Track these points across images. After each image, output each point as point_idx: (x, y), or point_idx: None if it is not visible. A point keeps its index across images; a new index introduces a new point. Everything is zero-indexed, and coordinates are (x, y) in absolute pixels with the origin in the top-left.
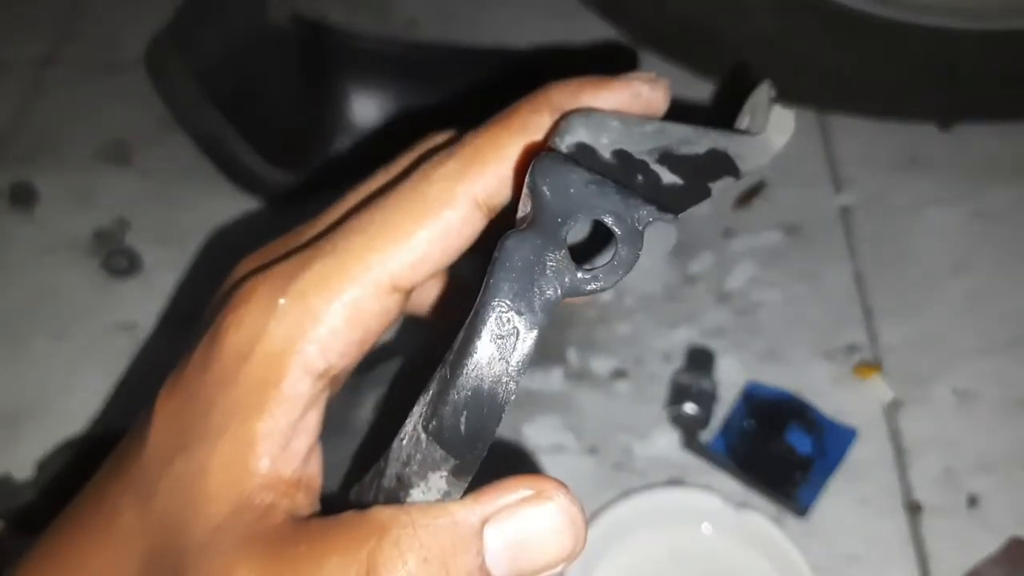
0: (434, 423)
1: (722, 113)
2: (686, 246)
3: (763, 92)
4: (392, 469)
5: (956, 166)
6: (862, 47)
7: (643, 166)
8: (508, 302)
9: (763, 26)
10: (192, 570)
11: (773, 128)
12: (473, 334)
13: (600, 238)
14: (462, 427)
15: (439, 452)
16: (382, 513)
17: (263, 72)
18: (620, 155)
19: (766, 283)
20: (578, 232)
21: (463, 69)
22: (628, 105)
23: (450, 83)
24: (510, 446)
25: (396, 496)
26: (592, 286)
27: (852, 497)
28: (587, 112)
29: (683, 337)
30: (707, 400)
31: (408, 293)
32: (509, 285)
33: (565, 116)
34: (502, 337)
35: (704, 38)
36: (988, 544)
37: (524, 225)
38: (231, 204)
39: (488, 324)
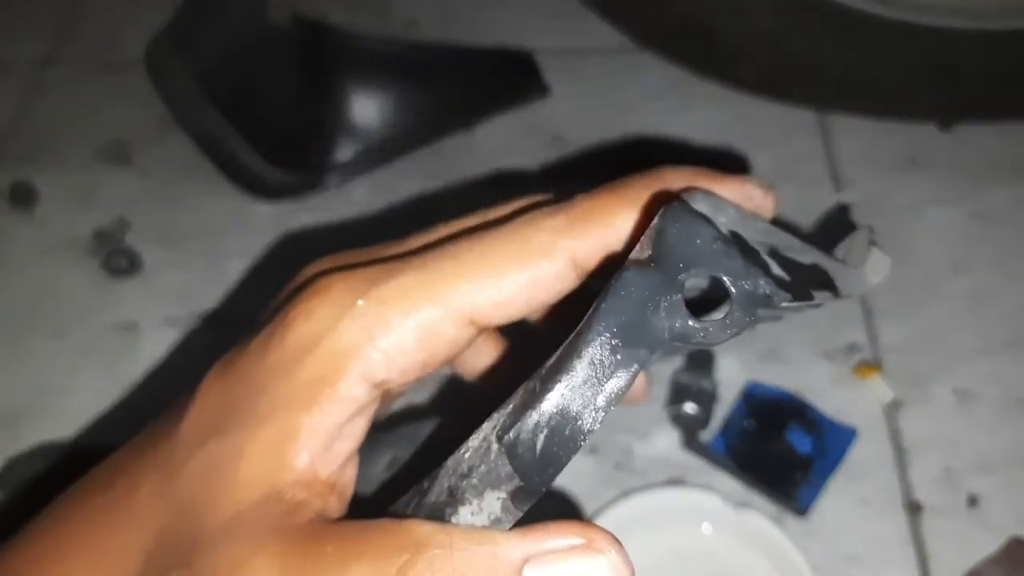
0: (511, 435)
1: (818, 243)
2: None
3: (862, 235)
4: (444, 482)
5: (956, 166)
6: (862, 47)
7: (755, 253)
8: (615, 329)
9: (763, 26)
10: (205, 552)
11: (870, 268)
12: (573, 352)
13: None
14: (539, 446)
15: (507, 468)
16: (422, 528)
17: (263, 72)
18: (736, 237)
19: None
20: (695, 283)
21: (463, 69)
22: (740, 204)
23: (450, 83)
24: (557, 493)
25: (442, 512)
26: (700, 337)
27: (852, 497)
28: (708, 192)
29: None
30: (707, 400)
31: (480, 331)
32: (620, 313)
33: (687, 190)
34: (602, 364)
35: (704, 38)
36: (988, 544)
37: (645, 262)
38: (231, 204)
39: (592, 346)
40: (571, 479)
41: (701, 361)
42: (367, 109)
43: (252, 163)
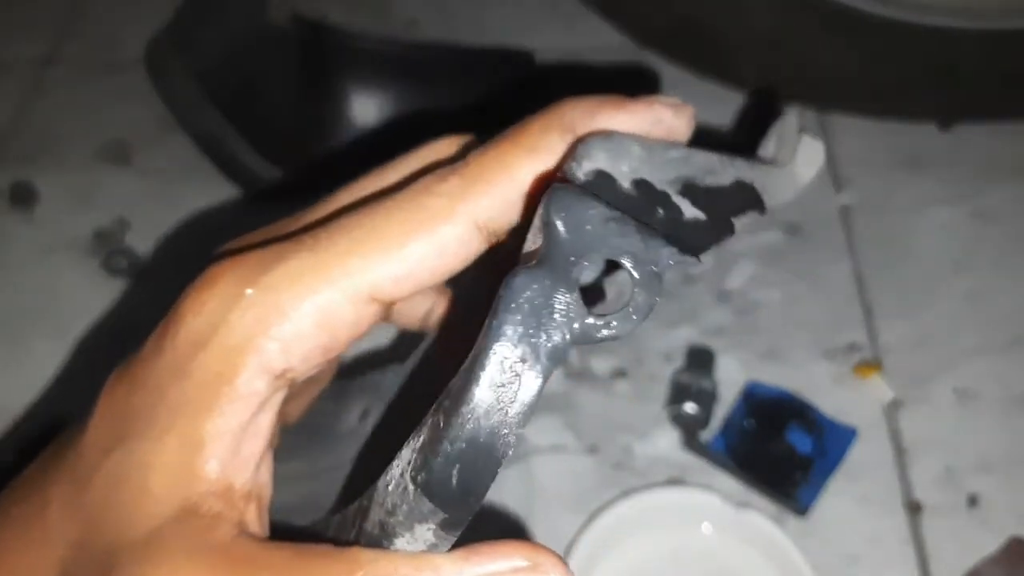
0: (423, 475)
1: (743, 141)
2: None
3: (790, 121)
4: (375, 515)
5: (956, 166)
6: (862, 46)
7: (664, 198)
8: (511, 346)
9: (763, 26)
10: (124, 570)
11: (801, 160)
12: (471, 380)
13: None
14: (454, 480)
15: (427, 505)
16: (363, 555)
17: (263, 72)
18: (641, 185)
19: (766, 282)
20: (591, 271)
21: (463, 69)
22: (648, 130)
23: (450, 83)
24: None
25: (379, 543)
26: (604, 333)
27: (852, 497)
28: (607, 135)
29: (683, 336)
30: (707, 400)
31: (388, 306)
32: (513, 328)
33: (583, 139)
34: (503, 385)
35: (704, 38)
36: (988, 544)
37: (533, 261)
38: (231, 204)
39: (488, 370)
40: (571, 479)
41: (701, 361)
42: (367, 109)
43: (252, 163)
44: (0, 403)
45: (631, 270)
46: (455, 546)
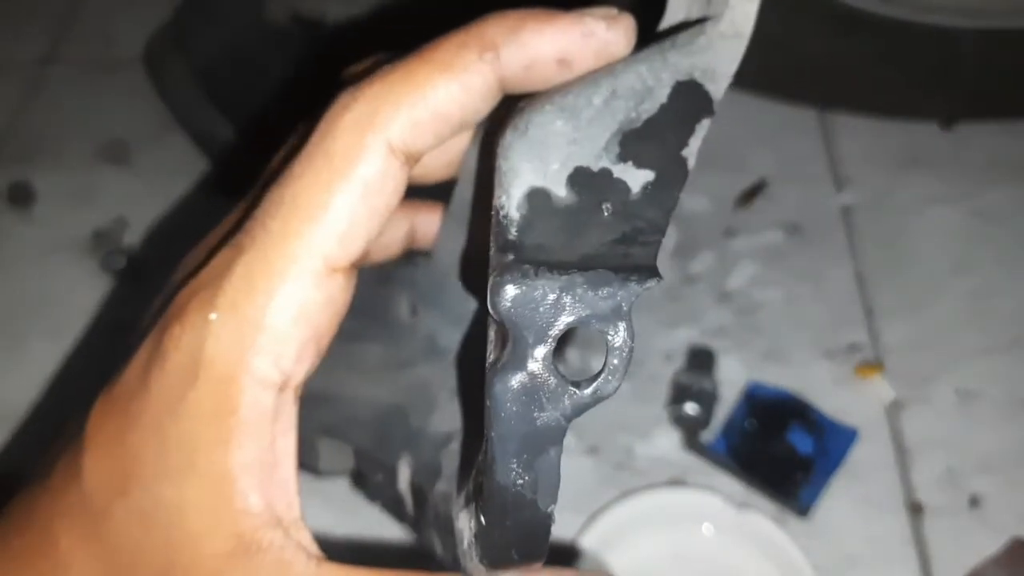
0: (487, 559)
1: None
2: (686, 246)
3: None
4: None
5: (957, 165)
6: (863, 46)
7: (605, 181)
8: (514, 458)
9: (764, 25)
10: None
11: (734, 7)
12: (492, 501)
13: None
14: (515, 556)
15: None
16: None
17: (263, 71)
18: (577, 178)
19: (767, 283)
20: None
21: None
22: (579, 48)
23: None
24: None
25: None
26: (595, 398)
27: (853, 497)
28: (523, 129)
29: (684, 337)
30: (708, 400)
31: (353, 266)
32: (512, 439)
33: (502, 148)
34: (522, 489)
35: None
36: (990, 544)
37: (503, 357)
38: (230, 204)
39: (504, 488)
40: (571, 479)
41: (702, 361)
42: None
43: (251, 163)
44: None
45: (597, 330)
46: None
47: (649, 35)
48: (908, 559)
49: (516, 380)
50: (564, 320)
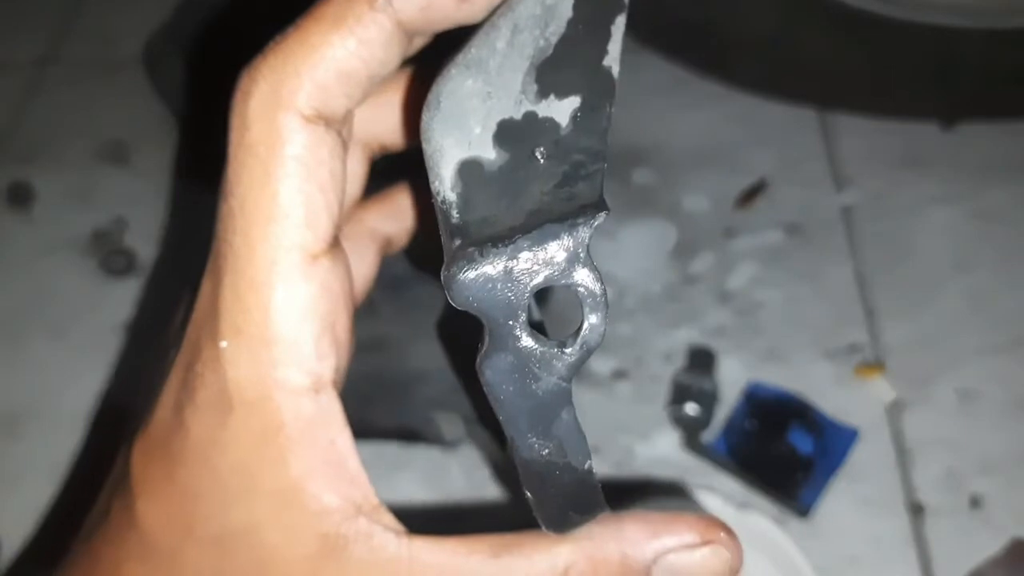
0: (546, 523)
1: None
2: (687, 246)
3: None
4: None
5: (957, 165)
6: (863, 46)
7: (532, 123)
8: (529, 426)
9: (764, 25)
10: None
11: None
12: (523, 465)
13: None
14: (574, 516)
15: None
16: (560, 544)
17: None
18: (503, 134)
19: (767, 283)
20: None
21: None
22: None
23: None
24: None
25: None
26: (585, 351)
27: (854, 498)
28: (435, 103)
29: (684, 337)
30: (708, 400)
31: (333, 244)
32: (520, 417)
33: (423, 131)
34: (548, 451)
35: (705, 37)
36: (990, 545)
37: (485, 342)
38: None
39: (529, 457)
40: None
41: (702, 361)
42: None
43: None
44: None
45: (563, 285)
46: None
47: None
48: (909, 559)
49: (502, 362)
50: (527, 289)
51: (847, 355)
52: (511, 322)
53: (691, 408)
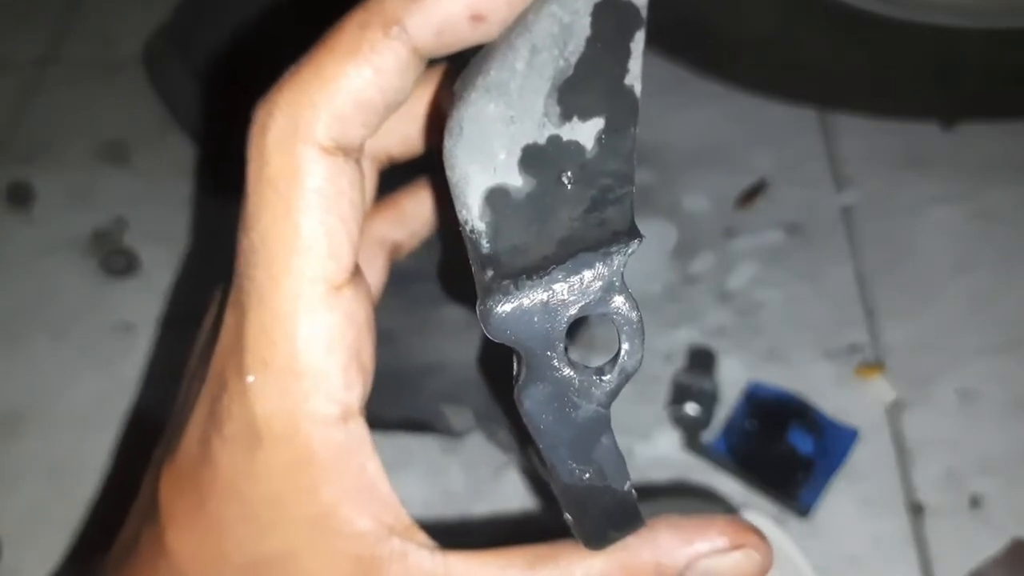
0: (585, 539)
1: None
2: (687, 246)
3: None
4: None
5: (958, 165)
6: (863, 46)
7: (556, 147)
8: (570, 459)
9: (764, 25)
10: None
11: None
12: (563, 490)
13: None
14: (610, 534)
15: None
16: (592, 557)
17: (262, 70)
18: (528, 159)
19: (768, 283)
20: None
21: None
22: (488, 1)
23: None
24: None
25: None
26: (623, 378)
27: (854, 498)
28: (457, 129)
29: (684, 337)
30: (708, 400)
31: (355, 273)
32: (560, 445)
33: (446, 158)
34: (588, 476)
35: (705, 37)
36: (990, 545)
37: (522, 372)
38: (230, 204)
39: (570, 482)
40: None
41: (702, 361)
42: None
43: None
44: None
45: (599, 315)
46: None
47: None
48: (909, 559)
49: (541, 393)
50: (564, 319)
51: (847, 355)
52: (549, 352)
53: (691, 408)
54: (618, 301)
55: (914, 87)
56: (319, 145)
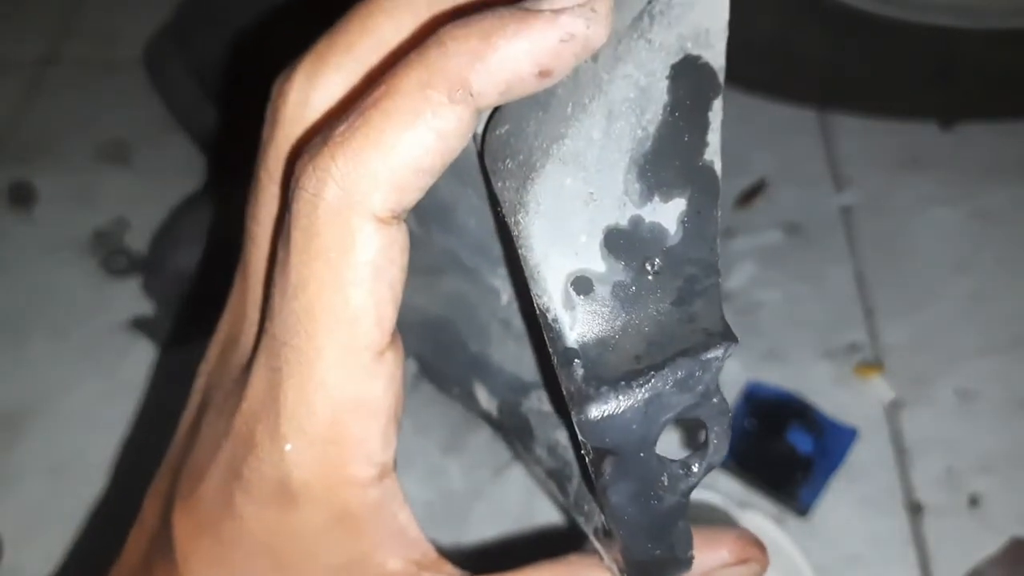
0: None
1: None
2: None
3: None
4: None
5: (957, 165)
6: (863, 46)
7: (639, 230)
8: (648, 542)
9: (764, 25)
10: None
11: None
12: (633, 562)
13: None
14: None
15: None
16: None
17: (262, 70)
18: (610, 243)
19: (767, 283)
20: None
21: None
22: (558, 56)
23: None
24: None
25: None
26: (707, 470)
27: (853, 497)
28: (533, 206)
29: None
30: None
31: (396, 333)
32: (640, 532)
33: (520, 236)
34: (659, 553)
35: None
36: (989, 544)
37: (609, 469)
38: (229, 203)
39: (642, 558)
40: None
41: None
42: None
43: (250, 161)
44: (0, 402)
45: (694, 417)
46: None
47: None
48: (908, 559)
49: (630, 489)
50: (661, 423)
51: (846, 355)
52: (642, 454)
53: None
54: (714, 402)
55: (914, 87)
56: (376, 217)
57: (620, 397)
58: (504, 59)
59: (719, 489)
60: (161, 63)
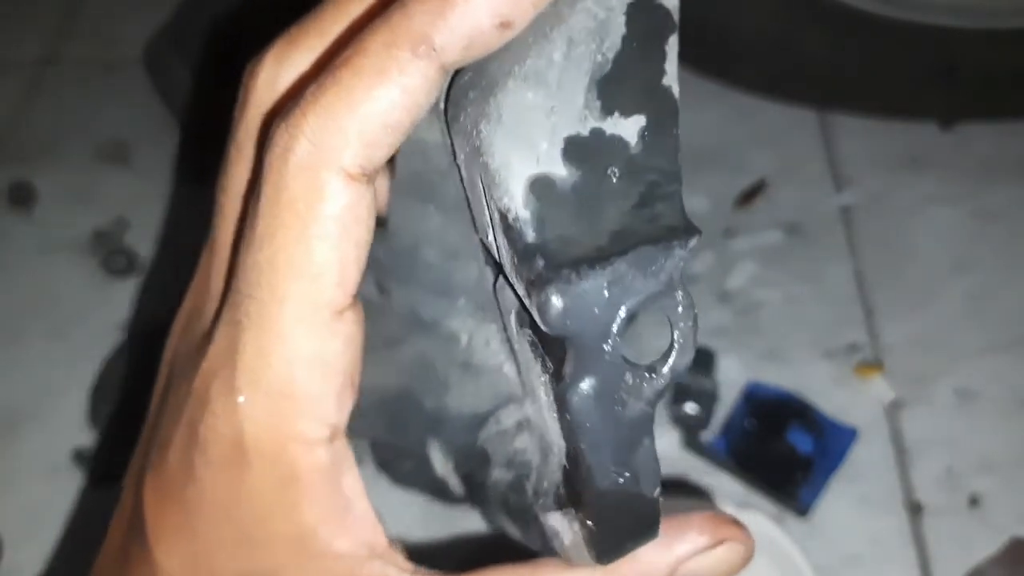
0: (598, 553)
1: None
2: None
3: None
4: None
5: (957, 165)
6: (863, 46)
7: (600, 141)
8: (611, 463)
9: (764, 25)
10: None
11: None
12: (596, 496)
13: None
14: (629, 544)
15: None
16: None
17: None
18: (571, 150)
19: (767, 283)
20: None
21: None
22: (517, 5)
23: None
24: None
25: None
26: (672, 375)
27: (853, 497)
28: (496, 116)
29: None
30: (708, 400)
31: (356, 296)
32: (604, 446)
33: (483, 144)
34: (623, 482)
35: (704, 37)
36: (989, 544)
37: (568, 367)
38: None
39: (605, 488)
40: None
41: (702, 361)
42: None
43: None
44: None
45: (656, 308)
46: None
47: None
48: (908, 559)
49: (590, 387)
50: (622, 311)
51: (846, 355)
52: (604, 346)
53: (691, 408)
54: (678, 296)
55: (914, 87)
56: (345, 172)
57: (581, 278)
58: (464, 13)
59: (719, 489)
60: (161, 63)
